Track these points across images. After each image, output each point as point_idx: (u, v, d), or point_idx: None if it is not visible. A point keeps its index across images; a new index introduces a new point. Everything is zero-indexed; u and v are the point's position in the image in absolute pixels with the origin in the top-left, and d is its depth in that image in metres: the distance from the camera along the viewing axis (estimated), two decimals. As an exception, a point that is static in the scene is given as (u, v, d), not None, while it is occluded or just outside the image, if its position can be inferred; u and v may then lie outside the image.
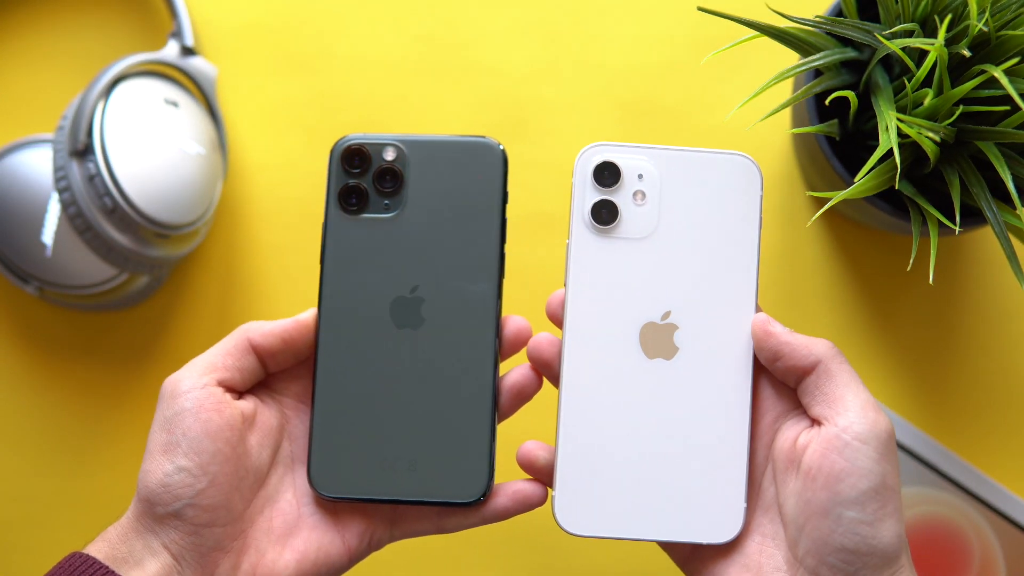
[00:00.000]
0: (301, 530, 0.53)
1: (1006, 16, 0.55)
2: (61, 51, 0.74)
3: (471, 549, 0.72)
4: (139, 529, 0.50)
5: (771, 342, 0.51)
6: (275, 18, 0.74)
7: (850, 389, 0.49)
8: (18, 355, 0.73)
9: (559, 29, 0.74)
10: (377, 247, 0.54)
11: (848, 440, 0.48)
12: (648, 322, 0.52)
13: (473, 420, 0.53)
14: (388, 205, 0.54)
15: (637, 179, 0.53)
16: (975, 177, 0.57)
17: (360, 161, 0.54)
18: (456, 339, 0.53)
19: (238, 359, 0.52)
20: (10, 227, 0.68)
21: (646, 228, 0.53)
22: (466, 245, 0.54)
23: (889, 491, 0.48)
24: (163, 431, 0.51)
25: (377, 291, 0.53)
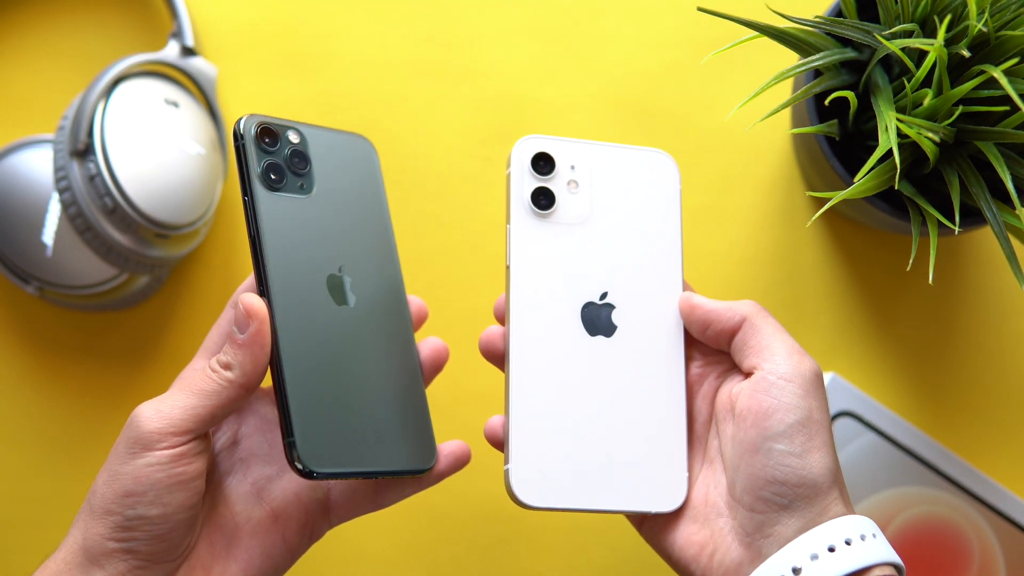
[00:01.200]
0: (241, 539, 0.53)
1: (1005, 16, 0.55)
2: (61, 51, 0.74)
3: (467, 547, 0.72)
4: (83, 564, 0.49)
5: (698, 313, 0.54)
6: (275, 18, 0.74)
7: (775, 338, 0.52)
8: (18, 355, 0.73)
9: (559, 30, 0.74)
10: (301, 225, 0.55)
11: (774, 380, 0.50)
12: (588, 301, 0.55)
13: (412, 392, 0.56)
14: (302, 186, 0.55)
15: (570, 169, 0.56)
16: (974, 177, 0.57)
17: (271, 141, 0.55)
18: (381, 317, 0.56)
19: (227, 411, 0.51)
20: (10, 227, 0.68)
21: (580, 214, 0.55)
22: (369, 230, 0.57)
23: (816, 424, 0.50)
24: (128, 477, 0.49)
25: (313, 269, 0.55)
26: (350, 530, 0.71)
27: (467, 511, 0.72)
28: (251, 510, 0.53)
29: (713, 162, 0.73)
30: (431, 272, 0.72)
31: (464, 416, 0.68)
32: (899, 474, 0.70)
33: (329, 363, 0.53)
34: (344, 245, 0.56)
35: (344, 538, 0.71)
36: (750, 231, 0.73)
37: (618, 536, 0.71)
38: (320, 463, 0.52)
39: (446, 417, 0.63)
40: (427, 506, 0.71)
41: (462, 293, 0.73)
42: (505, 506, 0.71)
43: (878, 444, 0.70)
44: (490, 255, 0.73)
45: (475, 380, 0.69)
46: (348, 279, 0.55)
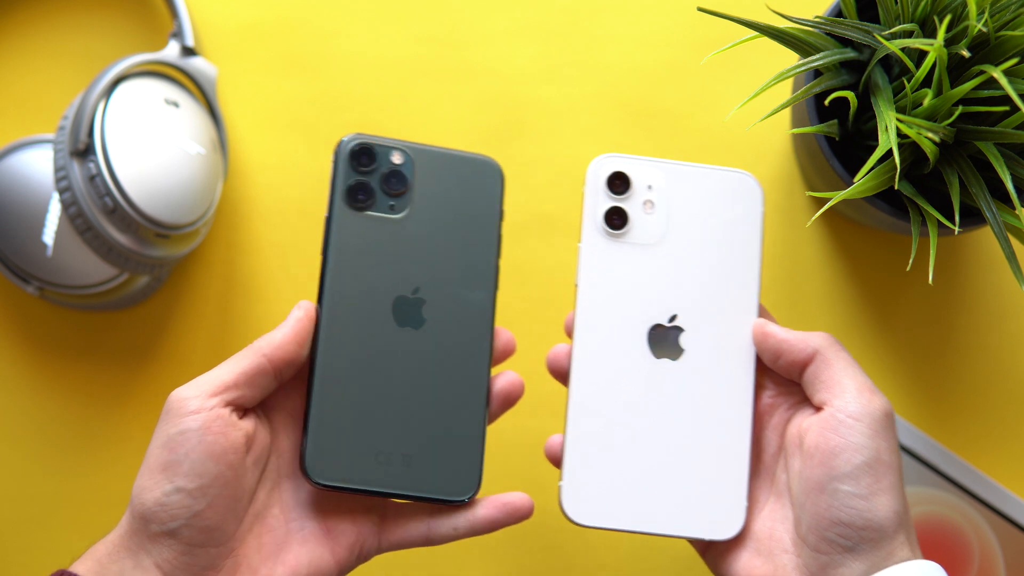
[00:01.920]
0: (291, 545, 0.53)
1: (1005, 16, 0.55)
2: (61, 51, 0.74)
3: (472, 551, 0.72)
4: (130, 547, 0.50)
5: (770, 342, 0.53)
6: (275, 18, 0.74)
7: (846, 374, 0.51)
8: (18, 355, 0.73)
9: (559, 30, 0.74)
10: (381, 245, 0.55)
11: (843, 419, 0.50)
12: (656, 324, 0.54)
13: (467, 421, 0.54)
14: (393, 206, 0.55)
15: (647, 189, 0.55)
16: (974, 177, 0.57)
17: (368, 160, 0.55)
18: (454, 343, 0.55)
19: (252, 379, 0.52)
20: (11, 227, 0.68)
21: (655, 235, 0.55)
22: (466, 254, 0.56)
23: (884, 466, 0.49)
24: (165, 449, 0.50)
25: (380, 288, 0.54)
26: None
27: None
28: (305, 519, 0.53)
29: (713, 162, 0.73)
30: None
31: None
32: (899, 474, 0.70)
33: (369, 380, 0.53)
34: (428, 268, 0.55)
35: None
36: (750, 231, 0.73)
37: (619, 538, 0.71)
38: (323, 473, 0.52)
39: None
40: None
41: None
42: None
43: (878, 444, 0.70)
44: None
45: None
46: (424, 301, 0.55)
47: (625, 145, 0.73)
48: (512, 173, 0.73)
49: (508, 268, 0.72)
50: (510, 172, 0.74)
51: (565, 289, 0.72)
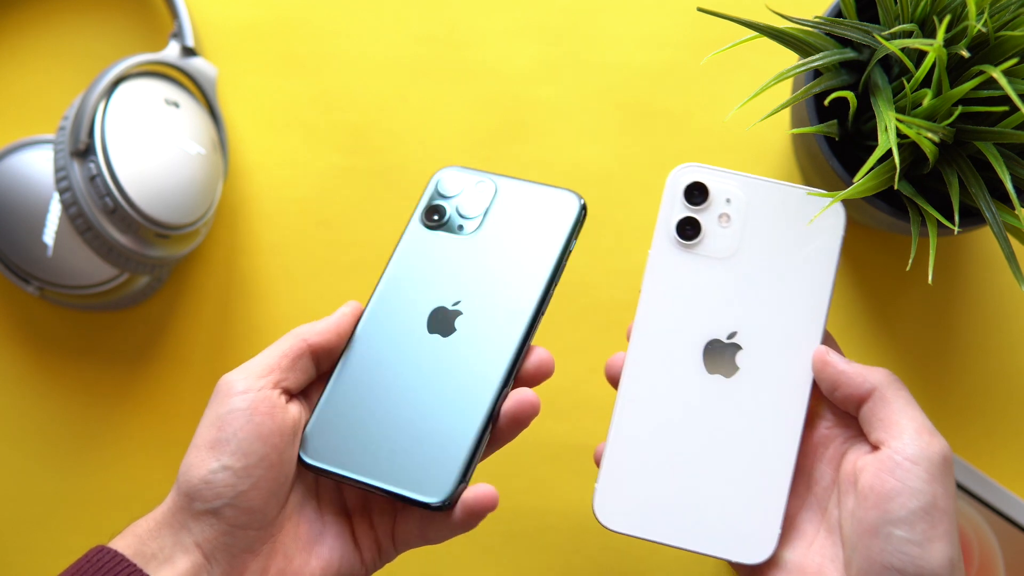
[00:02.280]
0: (325, 539, 0.53)
1: (1005, 16, 0.55)
2: (61, 51, 0.74)
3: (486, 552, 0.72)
4: (173, 524, 0.50)
5: (829, 371, 0.52)
6: (275, 18, 0.74)
7: (905, 414, 0.50)
8: (18, 355, 0.73)
9: (559, 30, 0.74)
10: (438, 259, 0.56)
11: (899, 461, 0.49)
12: (713, 339, 0.54)
13: (461, 432, 0.53)
14: (463, 227, 0.57)
15: (725, 202, 0.55)
16: (974, 177, 0.57)
17: (452, 187, 0.58)
18: (475, 355, 0.54)
19: (293, 361, 0.53)
20: (11, 227, 0.68)
21: (727, 250, 0.54)
22: (517, 277, 0.56)
23: (940, 512, 0.48)
24: (213, 427, 0.51)
25: (423, 297, 0.56)
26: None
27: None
28: (339, 515, 0.54)
29: (713, 162, 0.73)
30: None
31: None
32: (899, 474, 0.70)
33: (381, 376, 0.54)
34: (476, 285, 0.56)
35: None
36: (750, 231, 0.73)
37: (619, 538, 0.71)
38: (313, 454, 0.53)
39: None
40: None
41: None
42: (506, 507, 0.71)
43: (878, 444, 0.70)
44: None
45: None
46: (460, 313, 0.55)
47: (624, 145, 0.73)
48: (512, 173, 0.73)
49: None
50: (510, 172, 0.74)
51: (568, 292, 0.72)
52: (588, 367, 0.71)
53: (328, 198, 0.73)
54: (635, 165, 0.73)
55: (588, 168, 0.73)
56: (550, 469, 0.70)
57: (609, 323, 0.72)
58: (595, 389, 0.68)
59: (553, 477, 0.71)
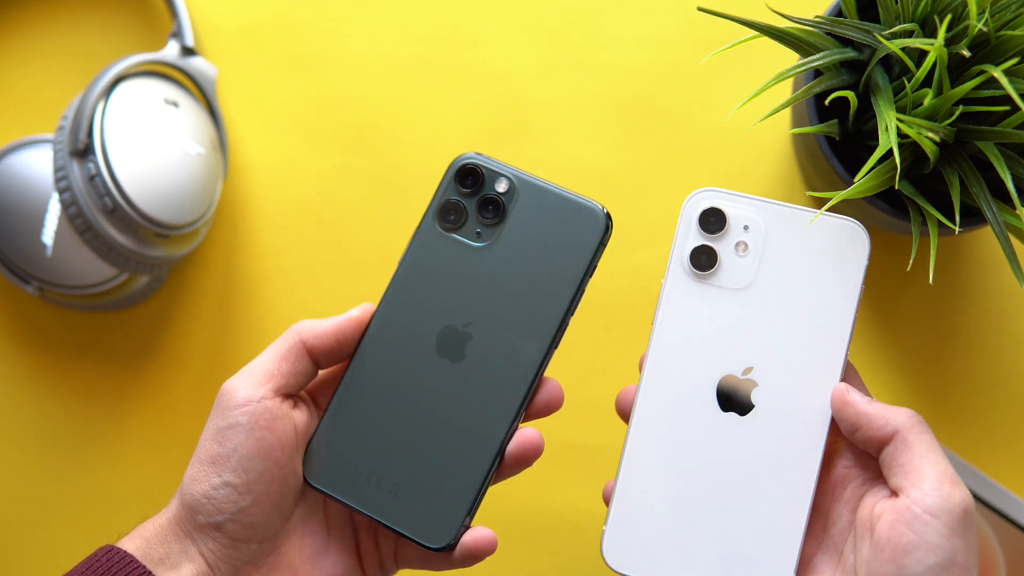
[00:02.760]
0: (330, 553, 0.53)
1: (1006, 16, 0.55)
2: (61, 51, 0.74)
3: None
4: (177, 532, 0.50)
5: (848, 412, 0.50)
6: (275, 18, 0.74)
7: (927, 460, 0.48)
8: (18, 355, 0.73)
9: (559, 29, 0.74)
10: (452, 271, 0.54)
11: (918, 513, 0.47)
12: (728, 375, 0.52)
13: (469, 473, 0.52)
14: (480, 233, 0.54)
15: (743, 230, 0.52)
16: (975, 177, 0.57)
17: (473, 181, 0.54)
18: (486, 387, 0.53)
19: (293, 363, 0.52)
20: (10, 227, 0.68)
21: (743, 280, 0.52)
22: (533, 300, 0.53)
23: (958, 568, 0.46)
24: (215, 441, 0.50)
25: (433, 313, 0.53)
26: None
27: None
28: (344, 528, 0.54)
29: (713, 162, 0.73)
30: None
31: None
32: (899, 474, 0.70)
33: (389, 400, 0.53)
34: (488, 304, 0.53)
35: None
36: (750, 231, 0.73)
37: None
38: (315, 475, 0.53)
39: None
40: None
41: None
42: (506, 508, 0.71)
43: (878, 444, 0.70)
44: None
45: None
46: (471, 337, 0.53)
47: (624, 145, 0.73)
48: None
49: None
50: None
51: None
52: (589, 367, 0.71)
53: (328, 198, 0.73)
54: (635, 165, 0.73)
55: (588, 168, 0.73)
56: (550, 469, 0.70)
57: (610, 323, 0.72)
58: (596, 389, 0.68)
59: (553, 477, 0.71)
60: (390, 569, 0.54)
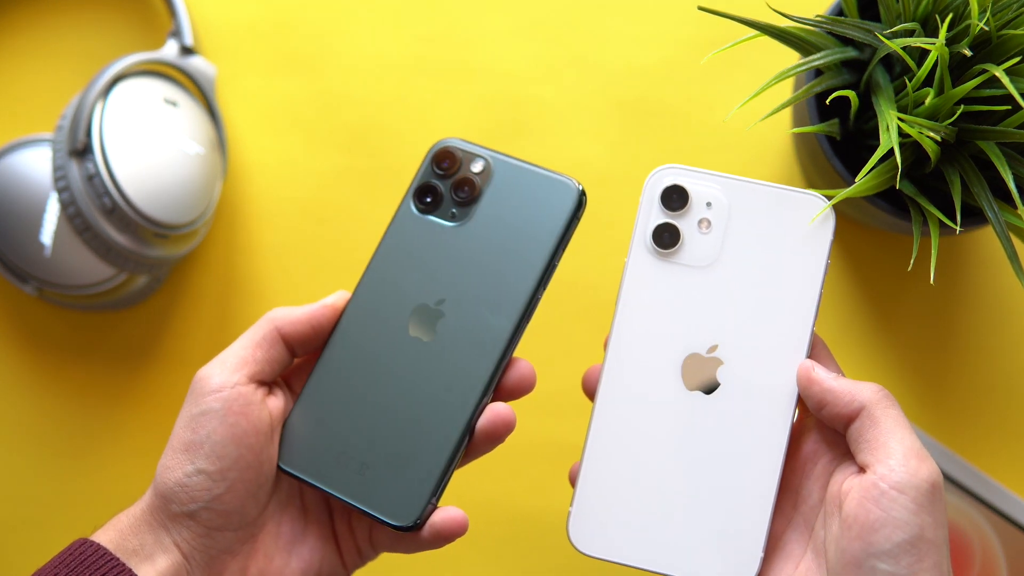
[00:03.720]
0: (307, 539, 0.53)
1: (1007, 15, 0.55)
2: (61, 50, 0.74)
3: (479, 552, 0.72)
4: (151, 523, 0.50)
5: (814, 389, 0.50)
6: (275, 18, 0.74)
7: (894, 435, 0.47)
8: (17, 355, 0.73)
9: (559, 29, 0.74)
10: (425, 250, 0.54)
11: (885, 489, 0.46)
12: (693, 353, 0.51)
13: (435, 451, 0.52)
14: (455, 214, 0.54)
15: (705, 207, 0.52)
16: (976, 177, 0.57)
17: (449, 164, 0.55)
18: (455, 364, 0.52)
19: (268, 350, 0.52)
20: (9, 227, 0.67)
21: (707, 257, 0.52)
22: (504, 276, 0.53)
23: (927, 544, 0.46)
24: (188, 429, 0.50)
25: (407, 293, 0.54)
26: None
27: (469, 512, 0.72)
28: (322, 514, 0.54)
29: (713, 162, 0.73)
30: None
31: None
32: (900, 474, 0.70)
33: (359, 383, 0.53)
34: (462, 282, 0.53)
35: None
36: (751, 231, 0.73)
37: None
38: (288, 461, 0.52)
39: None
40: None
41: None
42: (506, 508, 0.71)
43: (879, 444, 0.70)
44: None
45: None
46: (443, 315, 0.53)
47: (625, 144, 0.73)
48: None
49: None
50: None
51: (568, 293, 0.71)
52: (588, 367, 0.71)
53: (328, 198, 0.73)
54: (635, 164, 0.73)
55: (588, 167, 0.73)
56: (550, 469, 0.70)
57: (609, 323, 0.72)
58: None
59: (553, 477, 0.71)
60: (368, 554, 0.54)
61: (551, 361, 0.69)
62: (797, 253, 0.51)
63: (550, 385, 0.71)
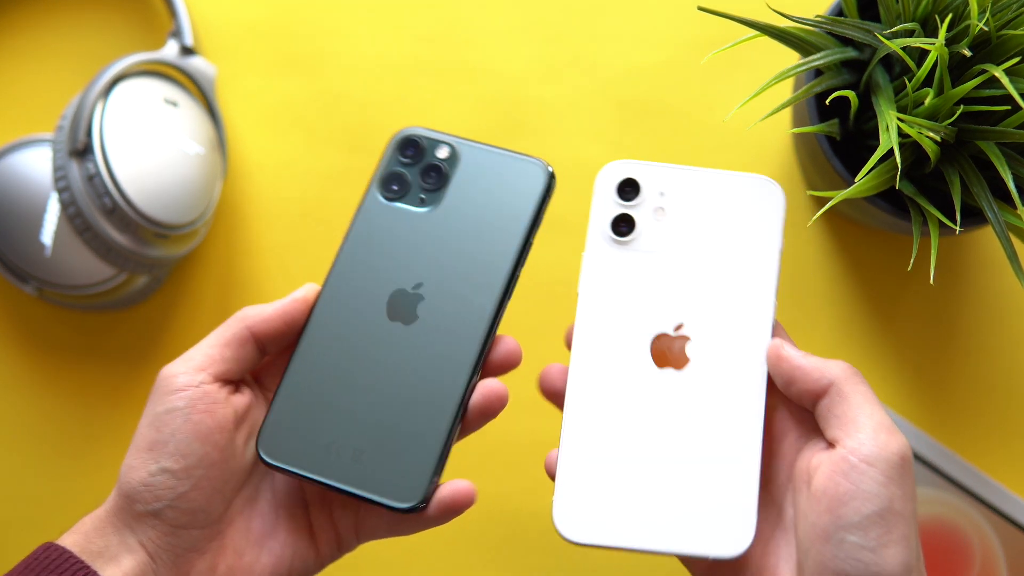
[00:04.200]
0: (278, 533, 0.52)
1: (1007, 16, 0.55)
2: (61, 51, 0.74)
3: (474, 550, 0.72)
4: (116, 524, 0.50)
5: (784, 366, 0.50)
6: (275, 18, 0.74)
7: (863, 410, 0.48)
8: (17, 355, 0.73)
9: (559, 29, 0.74)
10: (398, 237, 0.54)
11: (855, 462, 0.46)
12: (660, 333, 0.52)
13: (431, 429, 0.52)
14: (424, 200, 0.55)
15: (658, 195, 0.53)
16: (976, 177, 0.57)
17: (413, 152, 0.55)
18: (441, 345, 0.53)
19: (236, 349, 0.52)
20: (9, 227, 0.68)
21: (663, 242, 0.53)
22: (481, 256, 0.54)
23: (895, 516, 0.46)
24: (152, 428, 0.50)
25: (382, 279, 0.53)
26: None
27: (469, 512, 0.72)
28: (295, 507, 0.53)
29: (713, 162, 0.73)
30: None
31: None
32: (900, 474, 0.70)
33: (343, 368, 0.52)
34: (438, 265, 0.53)
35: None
36: (750, 231, 0.73)
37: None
38: (271, 452, 0.52)
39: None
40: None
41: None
42: (506, 507, 0.71)
43: (879, 444, 0.70)
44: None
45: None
46: (422, 298, 0.53)
47: (625, 144, 0.73)
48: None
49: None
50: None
51: (565, 291, 0.71)
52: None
53: (328, 198, 0.73)
54: (635, 165, 0.73)
55: (588, 167, 0.73)
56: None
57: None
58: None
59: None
60: (349, 544, 0.53)
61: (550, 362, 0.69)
62: (752, 234, 0.52)
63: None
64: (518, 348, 0.54)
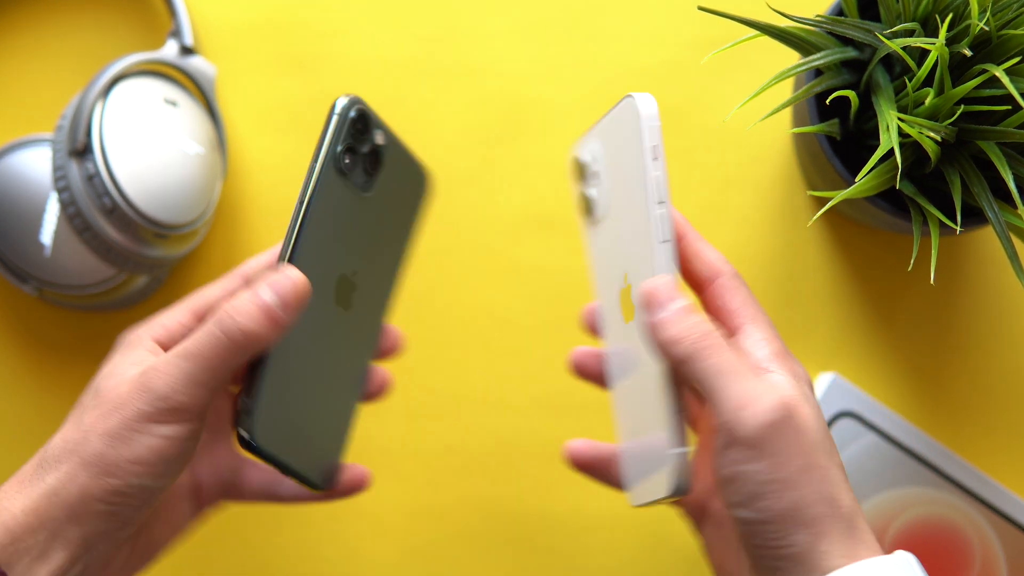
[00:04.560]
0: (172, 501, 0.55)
1: (1007, 15, 0.55)
2: (61, 50, 0.74)
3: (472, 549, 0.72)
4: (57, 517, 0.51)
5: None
6: (275, 18, 0.74)
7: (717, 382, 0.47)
8: (17, 355, 0.73)
9: (559, 29, 0.74)
10: (343, 217, 0.54)
11: (719, 448, 0.47)
12: (621, 289, 0.54)
13: (346, 414, 0.56)
14: (365, 184, 0.55)
15: (593, 162, 0.56)
16: (976, 176, 0.57)
17: (363, 129, 0.55)
18: (360, 333, 0.56)
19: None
20: (9, 227, 0.67)
21: (606, 204, 0.55)
22: (390, 249, 0.57)
23: (777, 485, 0.45)
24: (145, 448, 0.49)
25: (334, 263, 0.54)
26: (350, 534, 0.71)
27: (469, 513, 0.72)
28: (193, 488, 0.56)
29: (713, 162, 0.73)
30: (430, 271, 0.72)
31: (463, 418, 0.68)
32: (900, 475, 0.70)
33: (307, 353, 0.53)
34: (366, 254, 0.55)
35: (343, 542, 0.71)
36: (750, 231, 0.73)
37: (620, 539, 0.71)
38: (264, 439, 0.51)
39: (447, 417, 0.63)
40: (427, 508, 0.71)
41: (462, 292, 0.72)
42: (506, 507, 0.71)
43: (879, 445, 0.70)
44: (490, 254, 0.72)
45: (471, 382, 0.69)
46: (356, 286, 0.55)
47: (625, 145, 0.73)
48: (511, 172, 0.73)
49: (506, 268, 0.72)
50: (509, 171, 0.74)
51: (567, 294, 0.71)
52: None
53: (327, 198, 0.73)
54: (635, 165, 0.73)
55: (588, 168, 0.73)
56: (550, 469, 0.70)
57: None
58: (595, 389, 0.68)
59: (553, 478, 0.71)
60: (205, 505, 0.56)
61: (551, 361, 0.69)
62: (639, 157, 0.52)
63: (550, 385, 0.71)
64: (398, 336, 0.58)
